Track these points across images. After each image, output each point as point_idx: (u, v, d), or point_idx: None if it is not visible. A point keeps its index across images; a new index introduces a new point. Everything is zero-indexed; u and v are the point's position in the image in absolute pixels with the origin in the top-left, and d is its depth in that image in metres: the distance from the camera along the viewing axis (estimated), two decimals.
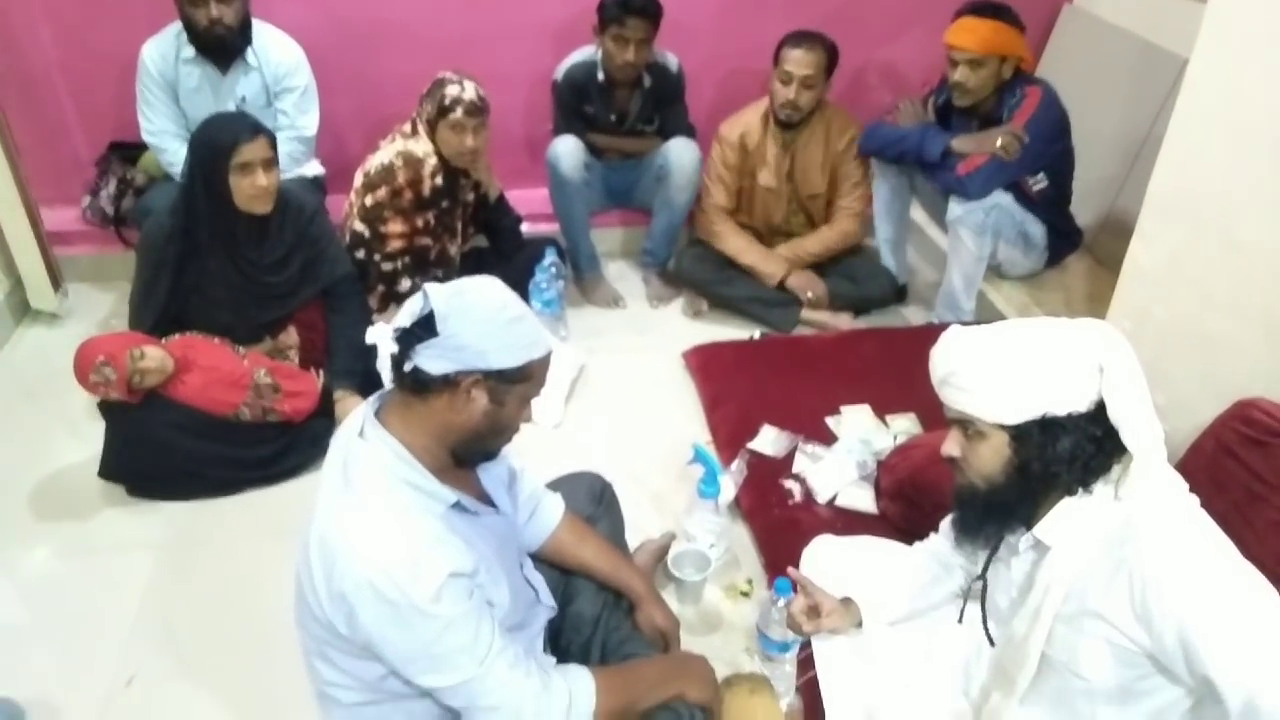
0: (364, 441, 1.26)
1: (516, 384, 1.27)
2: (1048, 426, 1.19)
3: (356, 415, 1.31)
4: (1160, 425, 1.20)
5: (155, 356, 2.15)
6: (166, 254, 2.28)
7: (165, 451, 2.21)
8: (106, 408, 2.20)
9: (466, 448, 1.31)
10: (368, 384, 2.44)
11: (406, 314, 1.24)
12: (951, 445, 1.29)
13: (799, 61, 2.77)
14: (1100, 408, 1.17)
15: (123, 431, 2.21)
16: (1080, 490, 1.22)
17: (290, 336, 2.49)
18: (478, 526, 1.34)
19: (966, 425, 1.25)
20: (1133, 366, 1.18)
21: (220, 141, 2.18)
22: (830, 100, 2.98)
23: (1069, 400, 1.17)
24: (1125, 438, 1.16)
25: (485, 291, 1.26)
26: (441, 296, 1.22)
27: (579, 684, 1.34)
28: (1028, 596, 1.26)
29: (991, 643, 1.40)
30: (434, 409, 1.25)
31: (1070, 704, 1.27)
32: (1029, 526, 1.28)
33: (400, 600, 1.17)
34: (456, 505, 1.29)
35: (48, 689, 1.79)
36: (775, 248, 3.11)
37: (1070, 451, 1.19)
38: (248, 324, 2.41)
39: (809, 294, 3.00)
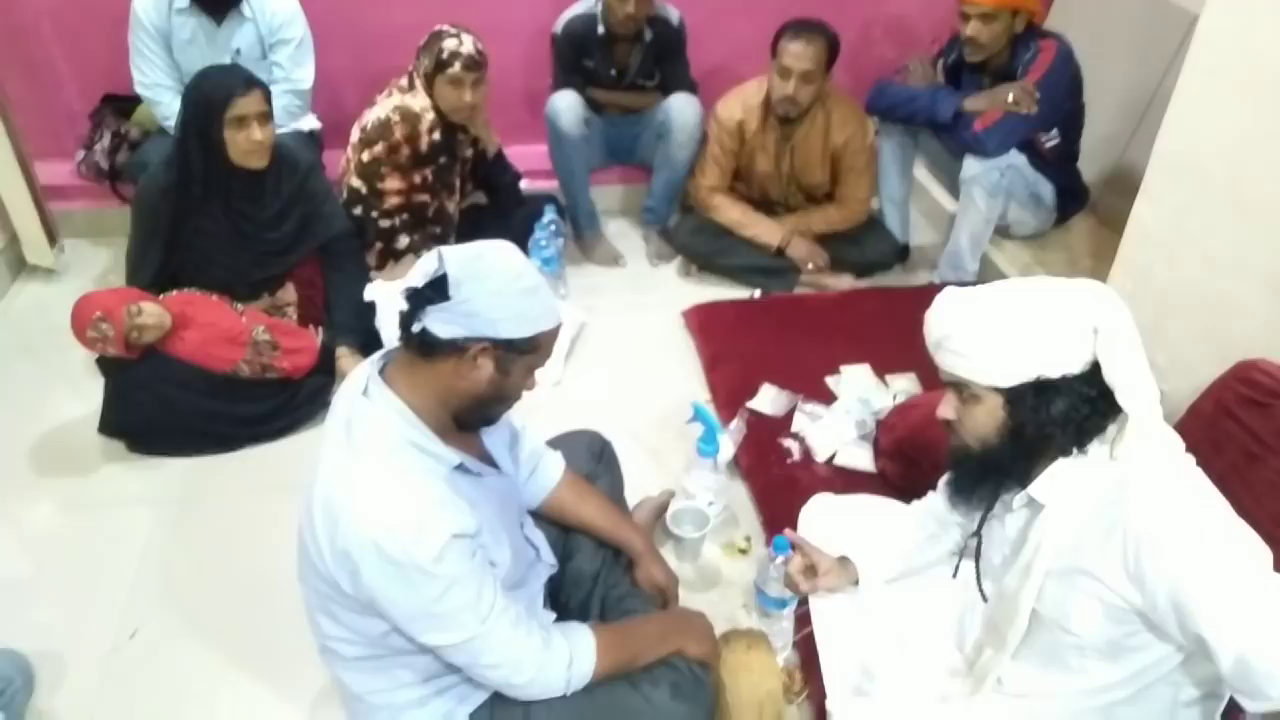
0: (368, 401, 1.25)
1: (524, 354, 1.26)
2: (1042, 389, 1.18)
3: (360, 373, 1.30)
4: (1155, 385, 1.19)
5: (153, 312, 2.14)
6: (161, 210, 2.26)
7: (164, 407, 2.22)
8: (105, 364, 2.20)
9: (468, 413, 1.31)
10: (368, 341, 2.43)
11: (420, 273, 1.22)
12: (946, 408, 1.29)
13: (798, 55, 2.68)
14: (1095, 369, 1.17)
15: (121, 387, 2.21)
16: (1075, 451, 1.22)
17: (288, 293, 2.48)
18: (480, 487, 1.34)
19: (961, 388, 1.25)
20: (1128, 327, 1.17)
21: (214, 95, 2.15)
22: (834, 88, 2.90)
23: (1063, 362, 1.17)
24: (1121, 399, 1.16)
25: (502, 259, 1.24)
26: (457, 261, 1.20)
27: (579, 642, 1.35)
28: (1020, 553, 1.27)
29: (984, 599, 1.41)
30: (439, 372, 1.24)
31: (1061, 659, 1.29)
32: (1024, 486, 1.28)
33: (404, 560, 1.17)
34: (459, 467, 1.29)
35: (53, 642, 1.81)
36: (778, 217, 3.07)
37: (1064, 413, 1.18)
38: (245, 280, 2.40)
39: (809, 264, 2.97)
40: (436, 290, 1.19)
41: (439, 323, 1.20)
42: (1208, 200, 1.90)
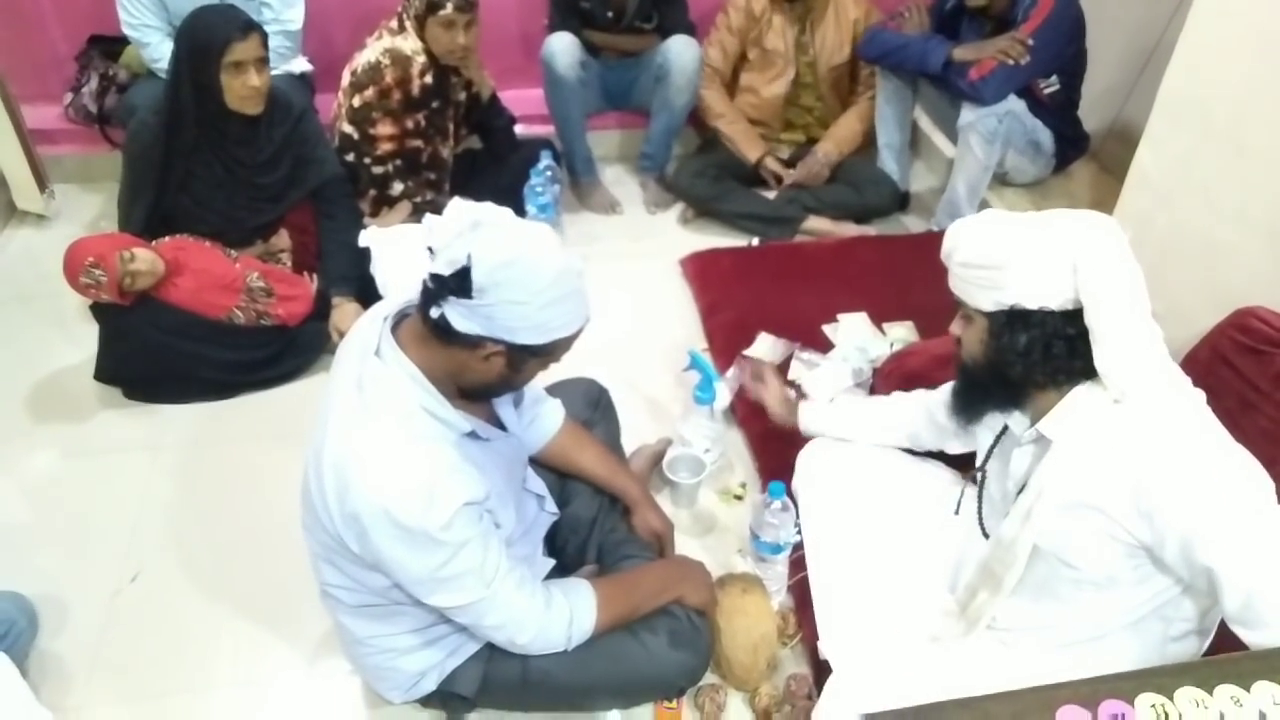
0: (381, 362, 1.22)
1: (539, 356, 1.24)
2: (1016, 319, 1.20)
3: (370, 330, 1.26)
4: (1150, 328, 1.18)
5: (145, 258, 2.12)
6: (152, 154, 2.23)
7: (159, 354, 2.21)
8: (99, 310, 2.18)
9: (474, 393, 1.29)
10: (363, 288, 2.41)
11: (446, 261, 1.15)
12: (955, 324, 1.33)
13: None
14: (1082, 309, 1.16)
15: (116, 334, 2.20)
16: (1051, 386, 1.23)
17: (282, 239, 2.45)
18: (488, 451, 1.33)
19: (963, 306, 1.28)
20: (1116, 270, 1.14)
21: (211, 40, 2.10)
22: None
23: (1039, 295, 1.17)
24: (1094, 344, 1.15)
25: (534, 267, 1.16)
26: (487, 265, 1.13)
27: (580, 600, 1.36)
28: (1021, 498, 1.28)
29: (985, 535, 1.42)
30: (452, 354, 1.21)
31: (1054, 592, 1.30)
32: (1019, 409, 1.31)
33: (414, 527, 1.17)
34: (470, 433, 1.28)
35: (55, 586, 1.83)
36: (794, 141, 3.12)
37: (1027, 346, 1.19)
38: (238, 226, 2.37)
39: (782, 179, 3.04)
40: (459, 286, 1.15)
41: (458, 315, 1.16)
42: (1211, 146, 1.88)
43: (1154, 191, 2.04)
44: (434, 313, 1.18)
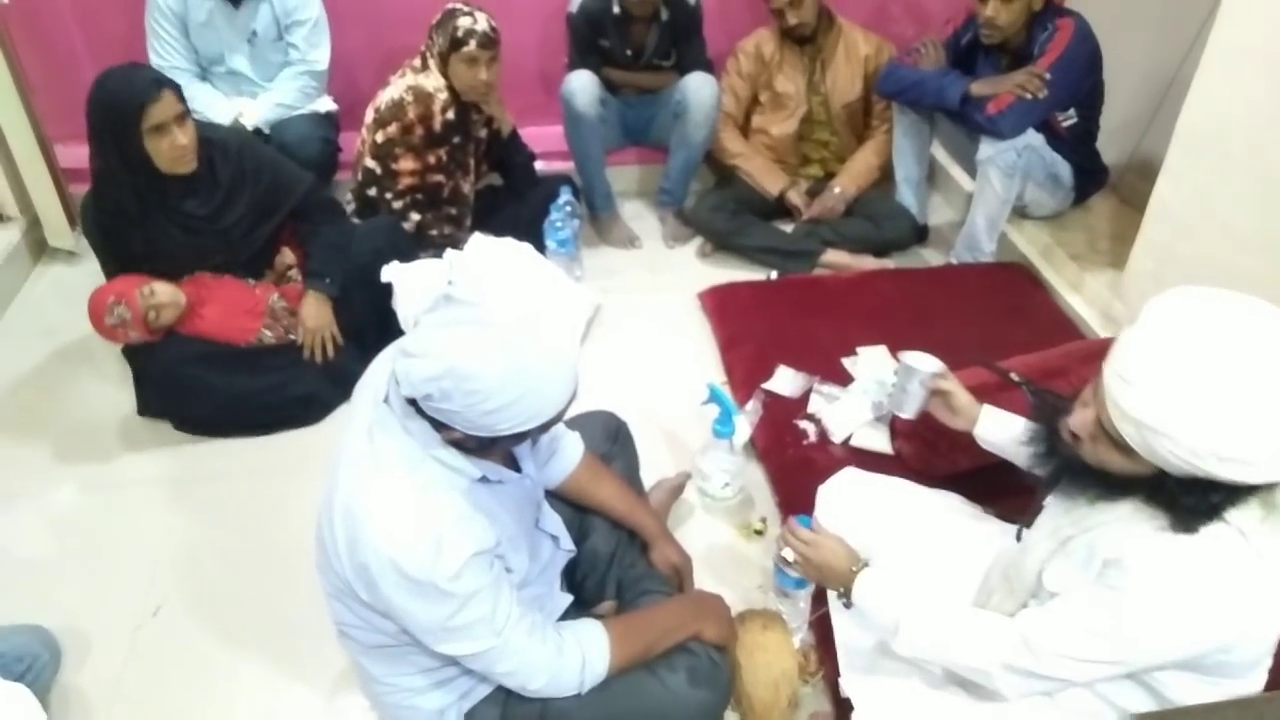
0: (389, 410, 1.22)
1: (507, 439, 1.20)
2: (1200, 482, 1.04)
3: (381, 375, 1.26)
4: None
5: (165, 290, 2.15)
6: (103, 237, 2.18)
7: (191, 389, 2.21)
8: (130, 353, 2.19)
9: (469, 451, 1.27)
10: (346, 284, 2.38)
11: (397, 349, 1.17)
12: (1081, 425, 1.14)
13: None
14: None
15: (151, 374, 2.21)
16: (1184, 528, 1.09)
17: (285, 257, 2.47)
18: (500, 494, 1.32)
19: (1115, 434, 1.08)
20: None
21: (125, 107, 1.98)
22: (849, 24, 3.04)
23: (1249, 477, 1.01)
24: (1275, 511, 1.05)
25: (467, 379, 1.10)
26: (413, 378, 1.12)
27: (592, 644, 1.35)
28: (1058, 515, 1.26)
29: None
30: (431, 420, 1.21)
31: None
32: None
33: (423, 579, 1.16)
34: (482, 478, 1.27)
35: (78, 619, 1.84)
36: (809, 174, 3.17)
37: (1214, 507, 1.06)
38: (234, 265, 2.33)
39: (803, 212, 3.06)
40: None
41: (421, 402, 1.17)
42: (1230, 176, 1.87)
43: (1174, 223, 2.04)
44: (404, 390, 1.17)
